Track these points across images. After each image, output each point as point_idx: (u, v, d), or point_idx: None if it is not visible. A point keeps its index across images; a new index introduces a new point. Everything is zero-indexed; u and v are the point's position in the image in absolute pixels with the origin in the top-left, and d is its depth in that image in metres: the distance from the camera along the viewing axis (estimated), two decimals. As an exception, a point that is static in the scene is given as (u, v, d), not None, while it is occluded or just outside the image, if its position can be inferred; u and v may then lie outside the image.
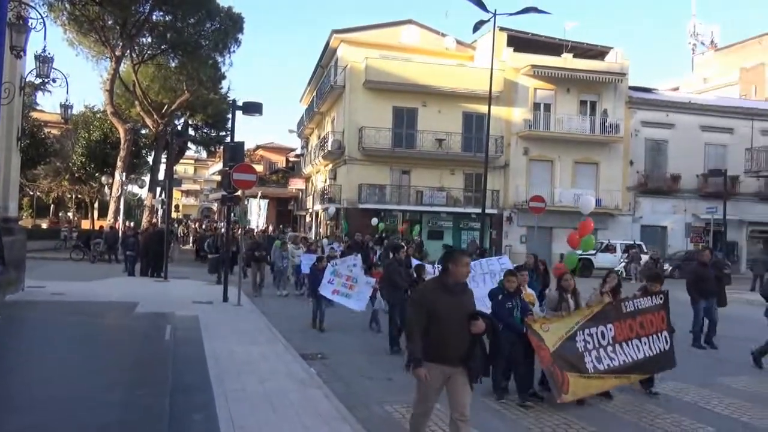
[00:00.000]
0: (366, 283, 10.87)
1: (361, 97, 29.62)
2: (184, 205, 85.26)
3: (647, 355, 6.84)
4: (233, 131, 14.44)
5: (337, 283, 10.84)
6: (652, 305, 7.10)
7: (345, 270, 11.11)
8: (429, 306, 4.42)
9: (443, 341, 4.37)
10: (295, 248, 16.46)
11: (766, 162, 24.12)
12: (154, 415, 5.11)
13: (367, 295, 10.73)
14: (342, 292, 10.77)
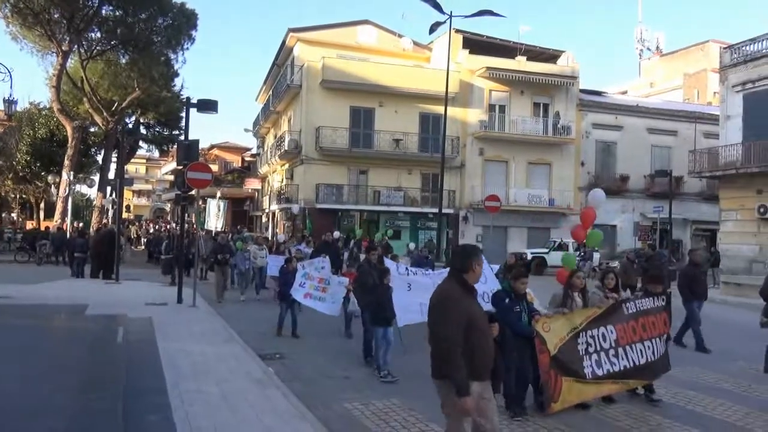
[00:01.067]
0: (338, 284, 10.32)
1: (318, 96, 29.48)
2: (135, 206, 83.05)
3: (649, 360, 6.53)
4: (187, 129, 14.13)
5: (309, 286, 10.29)
6: (654, 307, 6.78)
7: (315, 272, 10.67)
8: (468, 316, 3.79)
9: (485, 354, 3.86)
10: (259, 249, 15.73)
11: (708, 163, 25.12)
12: (107, 418, 4.97)
13: (340, 297, 10.16)
14: (315, 296, 10.25)
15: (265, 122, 40.07)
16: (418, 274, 9.28)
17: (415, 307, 8.25)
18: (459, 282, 3.95)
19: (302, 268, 10.74)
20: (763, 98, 22.55)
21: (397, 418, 6.03)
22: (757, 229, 22.84)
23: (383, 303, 7.77)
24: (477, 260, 3.97)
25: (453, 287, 3.91)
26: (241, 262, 15.50)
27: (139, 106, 34.60)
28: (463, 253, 4.08)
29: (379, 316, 7.76)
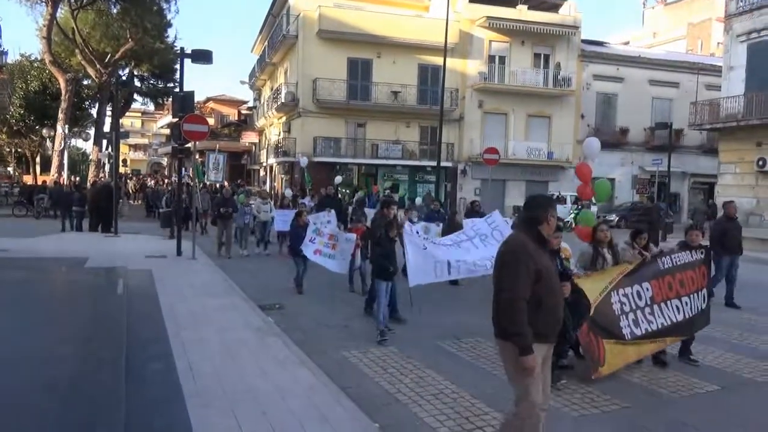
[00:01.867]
0: (346, 240, 9.76)
1: (314, 47, 28.91)
2: (132, 160, 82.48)
3: (687, 316, 6.15)
4: (182, 81, 13.95)
5: (319, 242, 9.80)
6: (693, 260, 6.35)
7: (325, 228, 10.33)
8: (537, 269, 3.46)
9: (553, 314, 3.58)
10: (263, 203, 15.10)
11: (709, 116, 24.90)
12: (109, 366, 5.09)
13: (348, 254, 9.68)
14: (325, 253, 9.75)
15: (261, 74, 39.43)
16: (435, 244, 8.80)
17: (429, 267, 8.08)
18: (532, 234, 3.61)
19: (313, 223, 10.38)
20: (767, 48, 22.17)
21: (395, 365, 6.16)
22: (755, 181, 22.86)
23: (388, 256, 7.40)
24: (552, 211, 3.65)
25: (526, 239, 3.57)
26: (240, 216, 15.02)
27: (133, 58, 33.95)
28: (538, 202, 3.75)
29: (382, 268, 7.41)
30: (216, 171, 22.61)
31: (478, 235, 8.89)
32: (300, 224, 10.28)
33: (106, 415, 4.01)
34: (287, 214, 12.69)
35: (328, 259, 9.73)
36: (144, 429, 4.19)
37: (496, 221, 9.21)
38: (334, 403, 4.83)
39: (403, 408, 5.03)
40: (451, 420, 4.77)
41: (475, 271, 8.43)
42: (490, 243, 8.60)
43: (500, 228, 8.93)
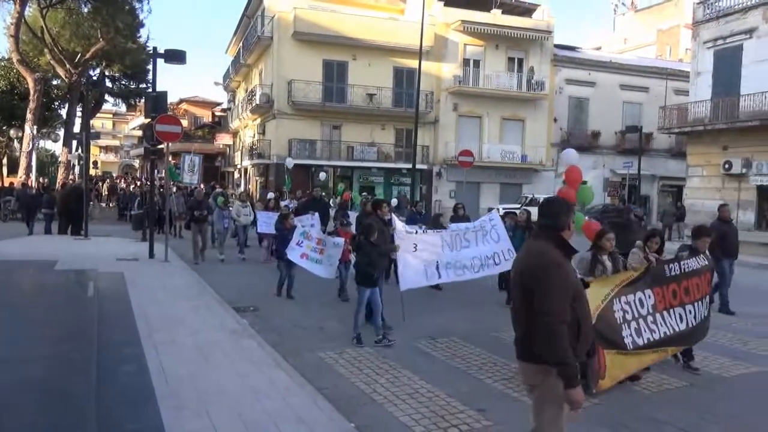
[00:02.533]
0: (334, 245, 9.29)
1: (289, 49, 28.80)
2: (103, 162, 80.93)
3: (690, 325, 5.83)
4: (155, 80, 13.74)
5: (307, 246, 9.37)
6: (699, 267, 6.02)
7: (314, 232, 9.83)
8: (573, 283, 3.11)
9: (589, 336, 3.20)
10: (242, 206, 14.42)
11: (677, 120, 25.46)
12: (80, 368, 5.00)
13: (336, 259, 9.25)
14: (312, 258, 9.32)
15: (236, 75, 39.11)
16: (429, 233, 8.46)
17: (419, 270, 7.92)
18: (557, 243, 3.14)
19: (301, 226, 9.87)
20: (733, 55, 22.79)
21: (371, 366, 6.16)
22: (721, 184, 23.42)
23: (371, 262, 7.01)
24: (572, 215, 3.26)
25: (552, 249, 3.11)
26: (219, 220, 14.39)
27: (104, 58, 33.33)
28: (557, 206, 3.26)
29: (365, 275, 7.05)
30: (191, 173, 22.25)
31: (481, 230, 8.69)
32: (286, 227, 9.86)
33: (78, 417, 3.94)
34: (271, 216, 12.34)
35: (315, 264, 9.31)
36: (116, 430, 4.12)
37: (495, 220, 8.95)
38: (310, 404, 4.82)
39: (378, 408, 5.04)
40: (427, 419, 4.79)
41: (462, 275, 8.29)
42: (488, 242, 8.54)
43: (498, 229, 8.76)
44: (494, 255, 8.45)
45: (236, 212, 14.22)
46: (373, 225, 7.35)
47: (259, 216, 13.70)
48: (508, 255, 8.36)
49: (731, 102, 22.39)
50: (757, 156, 21.81)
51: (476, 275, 8.44)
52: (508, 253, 8.41)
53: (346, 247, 9.28)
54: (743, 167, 22.23)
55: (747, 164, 22.16)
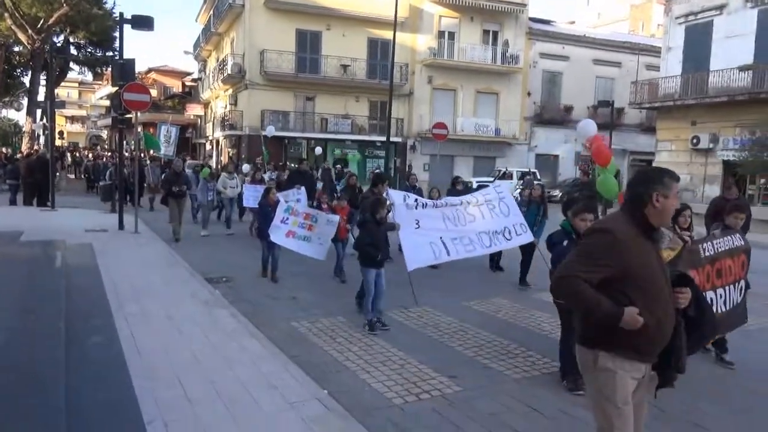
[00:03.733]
0: (327, 222, 8.58)
1: (262, 17, 28.16)
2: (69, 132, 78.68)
3: (721, 311, 5.23)
4: (122, 48, 13.36)
5: (293, 222, 8.53)
6: (734, 246, 5.41)
7: (301, 207, 9.14)
8: (626, 262, 2.62)
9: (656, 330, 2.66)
10: (229, 178, 13.56)
11: (648, 95, 25.77)
12: (48, 338, 4.93)
13: (328, 237, 8.59)
14: (299, 235, 8.53)
15: (207, 44, 38.16)
16: (428, 207, 7.80)
17: (425, 247, 7.35)
18: (633, 218, 2.72)
19: (284, 201, 9.01)
20: (703, 30, 23.05)
21: (343, 335, 6.22)
22: (689, 159, 23.90)
23: (375, 241, 6.47)
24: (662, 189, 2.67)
25: (619, 221, 2.74)
26: (203, 193, 13.60)
27: (68, 24, 32.22)
28: (642, 177, 2.81)
29: (368, 256, 6.49)
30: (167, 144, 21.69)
31: (486, 202, 8.07)
32: (270, 203, 8.92)
33: (46, 387, 3.91)
34: (259, 189, 11.46)
35: (303, 242, 8.53)
36: (86, 401, 4.09)
37: (504, 192, 8.35)
38: (282, 371, 4.85)
39: (351, 375, 5.11)
40: (399, 385, 4.87)
41: (473, 250, 7.69)
42: (496, 215, 7.96)
43: (507, 201, 8.18)
44: (504, 230, 7.91)
45: (222, 184, 13.45)
46: (381, 201, 6.81)
47: (245, 189, 12.97)
48: (520, 229, 7.94)
49: (700, 78, 22.72)
50: (723, 131, 22.27)
51: (488, 250, 8.02)
52: (521, 227, 7.97)
53: (343, 224, 8.75)
54: (710, 142, 22.69)
55: (714, 139, 22.62)
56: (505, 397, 4.71)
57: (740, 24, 21.52)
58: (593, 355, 2.76)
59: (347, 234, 8.91)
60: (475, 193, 8.48)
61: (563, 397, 4.74)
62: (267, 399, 4.28)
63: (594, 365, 2.77)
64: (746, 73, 20.79)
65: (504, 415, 4.37)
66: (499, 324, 6.87)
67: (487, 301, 7.86)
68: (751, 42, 21.21)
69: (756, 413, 4.72)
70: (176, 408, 4.07)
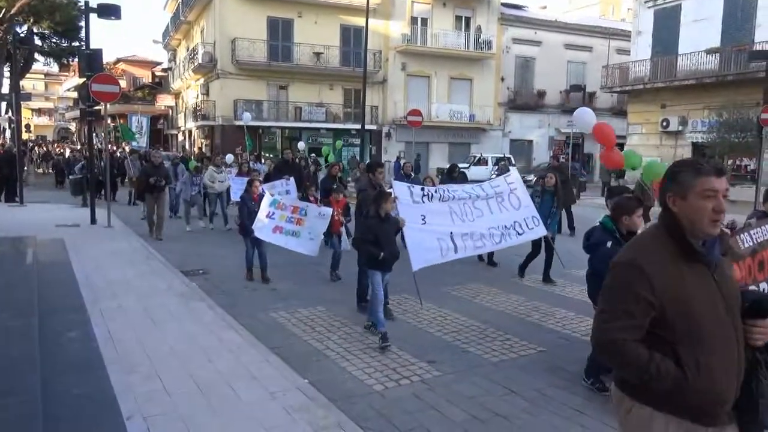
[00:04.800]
0: (318, 216, 7.97)
1: (232, 5, 27.71)
2: (36, 125, 76.94)
3: None
4: (88, 38, 13.04)
5: (280, 217, 7.90)
6: None
7: (288, 200, 8.52)
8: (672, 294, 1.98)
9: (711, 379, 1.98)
10: (216, 171, 12.65)
11: (619, 79, 26.10)
12: (21, 335, 4.83)
13: (319, 231, 7.96)
14: (287, 230, 7.90)
15: (176, 33, 37.48)
16: (434, 199, 7.13)
17: (432, 245, 6.76)
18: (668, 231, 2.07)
19: (270, 194, 8.36)
20: (672, 14, 23.39)
21: (323, 324, 6.22)
22: (659, 141, 24.33)
23: (377, 238, 5.69)
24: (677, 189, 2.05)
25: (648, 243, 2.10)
26: (188, 187, 12.77)
27: (31, 14, 31.23)
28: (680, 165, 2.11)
29: (369, 256, 5.75)
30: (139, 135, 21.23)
31: (496, 195, 7.48)
32: (254, 196, 8.21)
33: (20, 386, 3.84)
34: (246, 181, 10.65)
35: (291, 238, 7.91)
36: (63, 398, 4.04)
37: (515, 182, 7.71)
38: (262, 362, 4.84)
39: (331, 363, 5.13)
40: (379, 372, 4.91)
41: (482, 246, 7.29)
42: (506, 208, 7.43)
43: (519, 193, 7.60)
44: (515, 224, 7.38)
45: (210, 178, 12.51)
46: (385, 194, 6.04)
47: (232, 182, 12.13)
48: (532, 223, 7.45)
49: (669, 61, 23.08)
50: (692, 114, 22.70)
51: (498, 246, 7.44)
52: (533, 221, 7.48)
53: (337, 217, 8.18)
54: (680, 125, 23.11)
55: (683, 122, 23.05)
56: (483, 380, 4.78)
57: (707, 8, 21.87)
58: (628, 403, 2.14)
59: (341, 228, 8.40)
60: (484, 185, 7.70)
61: (540, 379, 4.83)
62: (248, 390, 4.28)
63: (626, 414, 2.16)
64: (713, 56, 21.18)
65: (483, 398, 4.44)
66: (476, 309, 6.95)
67: (464, 287, 7.94)
68: (717, 25, 21.59)
69: None
70: (155, 402, 4.04)
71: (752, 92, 19.19)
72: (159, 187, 11.26)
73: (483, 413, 4.19)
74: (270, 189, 9.13)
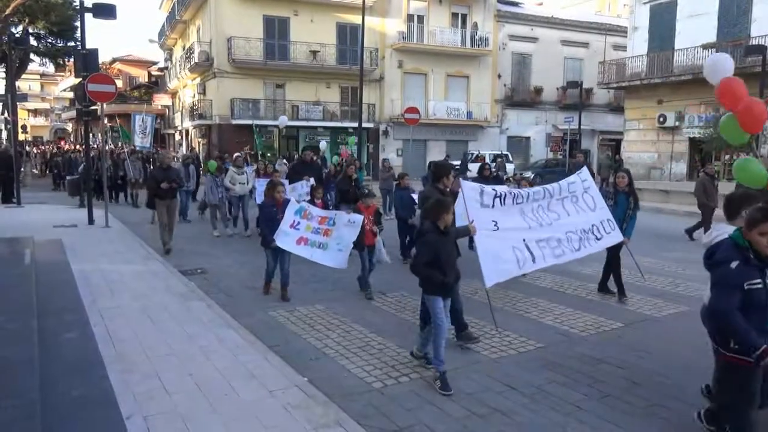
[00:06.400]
0: (348, 224, 7.08)
1: (228, 4, 27.66)
2: (33, 126, 76.68)
3: None
4: (83, 38, 13.01)
5: (306, 227, 7.07)
6: None
7: (315, 209, 7.49)
8: None
9: None
10: (237, 172, 11.82)
11: (615, 75, 26.14)
12: (20, 337, 4.82)
13: (349, 241, 7.03)
14: (313, 242, 7.06)
15: (172, 33, 37.41)
16: (506, 201, 6.10)
17: (507, 256, 5.86)
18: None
19: (294, 200, 7.57)
20: (668, 10, 23.42)
21: (322, 322, 6.23)
22: (656, 137, 24.36)
23: (441, 258, 4.65)
24: None
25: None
26: (211, 190, 11.98)
27: (26, 14, 31.13)
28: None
29: (431, 281, 4.67)
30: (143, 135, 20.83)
31: (571, 194, 6.68)
32: (275, 202, 7.09)
33: (20, 386, 3.84)
34: None
35: (318, 250, 7.06)
36: (62, 399, 4.05)
37: (588, 181, 6.90)
38: (261, 361, 4.85)
39: (330, 361, 5.13)
40: (378, 369, 4.91)
41: (562, 254, 6.27)
42: (582, 209, 6.63)
43: (592, 192, 6.82)
44: (593, 228, 6.56)
45: (230, 179, 11.68)
46: (445, 203, 4.81)
47: (257, 184, 11.29)
48: (608, 227, 6.65)
49: (665, 56, 23.11)
50: (689, 109, 22.73)
51: (577, 254, 6.44)
52: (609, 224, 6.67)
53: (369, 227, 7.24)
54: (677, 120, 23.15)
55: (680, 117, 23.09)
56: (482, 377, 4.79)
57: (703, 3, 21.90)
58: None
59: (375, 239, 7.40)
60: (561, 183, 6.82)
61: (539, 375, 4.84)
62: (247, 388, 4.28)
63: None
64: (710, 50, 21.19)
65: (482, 394, 4.45)
66: (475, 305, 6.95)
67: (463, 283, 7.91)
68: (714, 20, 21.62)
69: None
70: (155, 401, 4.04)
71: (749, 87, 19.06)
72: (171, 194, 10.12)
73: (482, 409, 4.20)
74: (291, 192, 8.52)
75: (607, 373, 4.90)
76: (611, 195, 7.28)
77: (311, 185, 9.83)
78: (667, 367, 5.04)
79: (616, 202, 7.12)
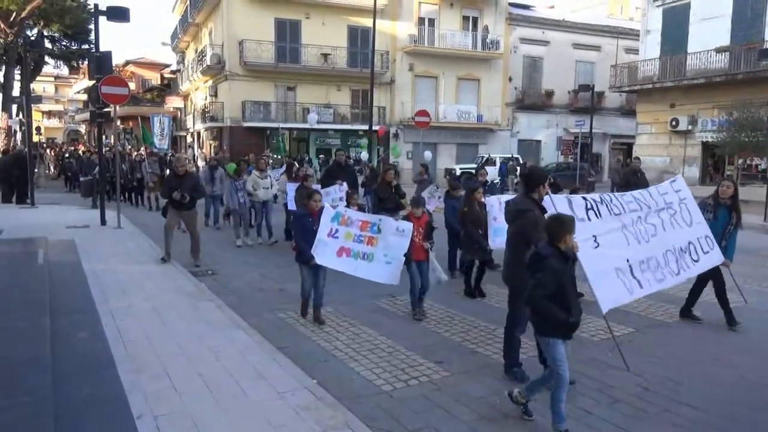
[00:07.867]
0: (396, 232, 6.26)
1: (239, 7, 27.82)
2: (47, 128, 77.54)
3: None
4: (98, 41, 13.14)
5: (345, 235, 6.25)
6: None
7: (355, 215, 6.60)
8: None
9: None
10: (261, 176, 11.03)
11: (627, 78, 25.97)
12: (32, 336, 4.88)
13: (400, 252, 6.24)
14: (356, 252, 6.26)
15: (184, 36, 37.68)
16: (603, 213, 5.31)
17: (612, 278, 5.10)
18: None
19: (332, 207, 6.62)
20: (681, 13, 23.25)
21: (331, 324, 6.23)
22: (668, 141, 24.17)
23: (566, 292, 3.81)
24: None
25: None
26: (231, 195, 11.49)
27: (41, 17, 31.53)
28: None
29: (555, 321, 3.80)
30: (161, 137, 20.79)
31: (667, 205, 5.85)
32: (311, 212, 6.25)
33: (32, 385, 3.88)
34: None
35: (362, 262, 6.27)
36: (74, 398, 4.08)
37: (684, 191, 6.07)
38: (270, 362, 4.86)
39: (339, 363, 5.13)
40: (387, 372, 4.91)
41: (663, 279, 5.51)
42: (678, 225, 5.81)
43: (689, 205, 6.01)
44: (690, 246, 5.78)
45: (253, 184, 10.87)
46: (565, 220, 3.90)
47: (288, 188, 10.48)
48: (706, 245, 5.88)
49: (678, 60, 22.94)
50: (702, 113, 22.54)
51: (677, 279, 5.71)
52: (706, 241, 5.90)
53: (419, 241, 6.36)
54: (689, 124, 22.96)
55: (693, 121, 22.89)
56: (492, 381, 4.77)
57: (717, 6, 21.72)
58: None
59: (427, 255, 6.50)
60: (651, 191, 5.96)
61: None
62: (256, 389, 4.30)
63: None
64: (723, 54, 21.02)
65: (491, 398, 4.43)
66: (485, 310, 6.94)
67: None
68: (727, 23, 21.43)
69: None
70: (165, 401, 4.07)
71: (762, 91, 19.07)
72: (186, 205, 8.89)
73: (491, 413, 4.19)
74: (325, 197, 7.83)
75: (617, 378, 4.87)
76: (710, 207, 6.28)
77: (346, 191, 9.27)
78: (679, 373, 4.99)
79: (715, 217, 6.18)
